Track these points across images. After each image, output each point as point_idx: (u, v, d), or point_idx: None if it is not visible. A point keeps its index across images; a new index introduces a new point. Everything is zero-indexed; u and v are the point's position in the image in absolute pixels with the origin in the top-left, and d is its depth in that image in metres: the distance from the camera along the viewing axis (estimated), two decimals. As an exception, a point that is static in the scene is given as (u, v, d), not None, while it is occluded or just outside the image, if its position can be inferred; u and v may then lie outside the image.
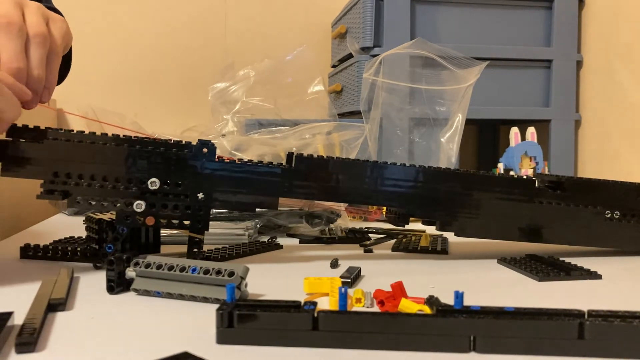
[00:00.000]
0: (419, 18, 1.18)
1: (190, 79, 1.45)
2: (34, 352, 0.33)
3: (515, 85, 1.24)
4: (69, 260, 0.58)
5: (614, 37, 1.20)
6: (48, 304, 0.41)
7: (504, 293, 0.49)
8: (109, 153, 0.54)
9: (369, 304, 0.43)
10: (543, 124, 1.24)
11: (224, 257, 0.60)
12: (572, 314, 0.33)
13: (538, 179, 0.63)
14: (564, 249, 0.65)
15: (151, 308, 0.42)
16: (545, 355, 0.33)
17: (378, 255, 0.66)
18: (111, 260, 0.45)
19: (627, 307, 0.36)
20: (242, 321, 0.34)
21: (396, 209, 0.63)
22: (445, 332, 0.33)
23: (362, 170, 0.58)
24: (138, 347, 0.34)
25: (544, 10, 1.24)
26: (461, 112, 0.96)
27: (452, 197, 0.60)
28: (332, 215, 0.79)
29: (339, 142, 0.89)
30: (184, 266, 0.43)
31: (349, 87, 1.22)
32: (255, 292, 0.47)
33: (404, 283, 0.42)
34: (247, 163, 0.56)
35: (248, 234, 0.72)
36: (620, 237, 0.64)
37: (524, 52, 1.23)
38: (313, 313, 0.34)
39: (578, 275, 0.53)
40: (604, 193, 0.64)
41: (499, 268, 0.58)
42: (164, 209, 0.54)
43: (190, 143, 0.55)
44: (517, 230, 0.62)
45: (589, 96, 1.28)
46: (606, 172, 1.20)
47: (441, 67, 0.98)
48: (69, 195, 0.54)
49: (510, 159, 1.04)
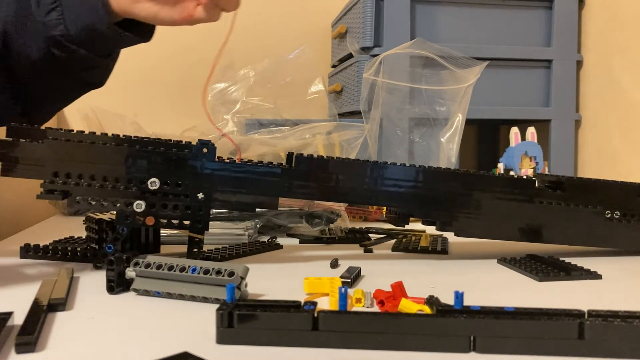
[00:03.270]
0: (419, 18, 1.18)
1: (190, 79, 1.45)
2: (34, 352, 0.33)
3: (515, 85, 1.24)
4: (69, 260, 0.58)
5: (613, 37, 1.20)
6: (48, 304, 0.41)
7: (504, 293, 0.49)
8: (109, 153, 0.54)
9: (369, 304, 0.43)
10: (543, 124, 1.24)
11: (224, 257, 0.60)
12: (572, 314, 0.33)
13: (538, 179, 0.63)
14: (564, 249, 0.65)
15: (151, 308, 0.42)
16: (545, 355, 0.33)
17: (378, 255, 0.66)
18: (111, 260, 0.45)
19: (627, 307, 0.36)
20: (242, 321, 0.34)
21: (396, 209, 0.63)
22: (445, 332, 0.33)
23: (362, 170, 0.58)
24: (138, 347, 0.34)
25: (544, 10, 1.24)
26: (461, 112, 0.96)
27: (452, 197, 0.60)
28: (332, 215, 0.79)
29: (339, 142, 0.89)
30: (184, 266, 0.43)
31: (349, 87, 1.22)
32: (255, 292, 0.47)
33: (404, 283, 0.42)
34: (247, 163, 0.56)
35: (248, 234, 0.72)
36: (620, 237, 0.64)
37: (524, 52, 1.23)
38: (313, 313, 0.34)
39: (578, 275, 0.53)
40: (604, 193, 0.64)
41: (499, 268, 0.58)
42: (164, 209, 0.54)
43: (190, 143, 0.55)
44: (517, 230, 0.62)
45: (589, 96, 1.28)
46: (606, 172, 1.20)
47: (441, 67, 0.98)
48: (69, 195, 0.54)
49: (510, 159, 1.04)
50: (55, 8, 0.62)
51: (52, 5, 0.62)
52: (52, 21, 0.62)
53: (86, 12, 0.62)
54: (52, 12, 0.62)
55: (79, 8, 0.62)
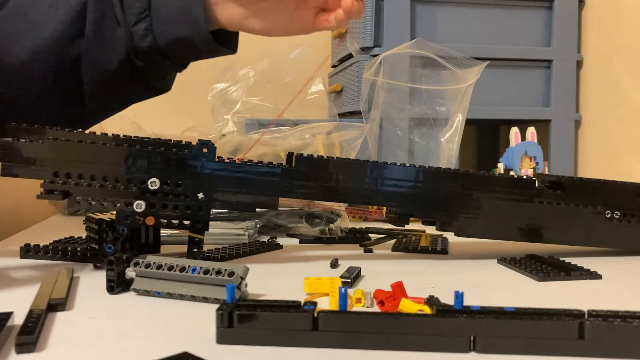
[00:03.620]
0: (419, 18, 1.18)
1: (190, 79, 1.45)
2: (34, 352, 0.33)
3: (515, 85, 1.24)
4: (69, 260, 0.58)
5: (614, 37, 1.20)
6: (48, 304, 0.41)
7: (504, 293, 0.49)
8: (109, 153, 0.54)
9: (369, 304, 0.43)
10: (543, 124, 1.24)
11: (224, 257, 0.60)
12: (572, 314, 0.33)
13: (538, 179, 0.63)
14: (564, 249, 0.65)
15: (151, 308, 0.42)
16: (545, 355, 0.33)
17: (378, 255, 0.66)
18: (111, 260, 0.45)
19: (627, 307, 0.36)
20: (242, 321, 0.34)
21: (396, 209, 0.63)
22: (445, 332, 0.33)
23: (362, 170, 0.58)
24: (138, 347, 0.34)
25: (544, 10, 1.24)
26: (461, 112, 0.96)
27: (452, 197, 0.60)
28: (332, 215, 0.79)
29: (339, 142, 0.89)
30: (184, 266, 0.43)
31: (349, 87, 1.22)
32: (255, 292, 0.47)
33: (404, 283, 0.42)
34: (247, 163, 0.56)
35: (248, 234, 0.72)
36: (620, 237, 0.64)
37: (524, 52, 1.23)
38: (313, 313, 0.34)
39: (578, 275, 0.53)
40: (604, 193, 0.64)
41: (499, 268, 0.58)
42: (164, 209, 0.54)
43: (190, 143, 0.55)
44: (517, 230, 0.62)
45: (589, 96, 1.28)
46: (606, 172, 1.20)
47: (441, 67, 0.98)
48: (69, 195, 0.54)
49: (510, 159, 1.04)
50: (145, 18, 0.59)
51: (141, 15, 0.59)
52: (140, 31, 0.59)
53: (181, 25, 0.59)
54: (141, 22, 0.59)
55: (172, 19, 0.59)
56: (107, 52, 0.61)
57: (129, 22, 0.59)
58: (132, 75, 0.63)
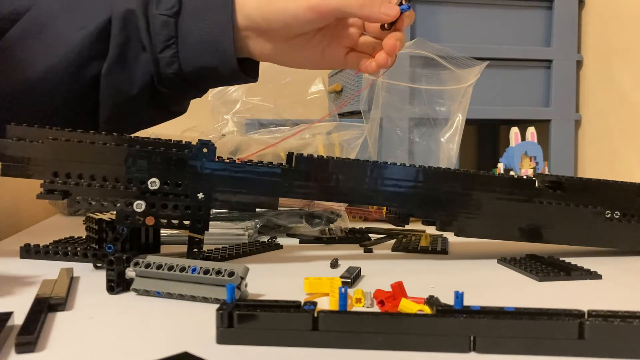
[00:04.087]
0: (419, 18, 1.18)
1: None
2: (34, 352, 0.33)
3: (515, 85, 1.24)
4: (69, 260, 0.58)
5: (613, 37, 1.20)
6: (48, 304, 0.41)
7: (504, 293, 0.49)
8: (109, 153, 0.54)
9: (369, 304, 0.43)
10: (543, 124, 1.24)
11: (224, 257, 0.60)
12: (572, 314, 0.33)
13: (538, 179, 0.63)
14: (564, 249, 0.65)
15: (151, 308, 0.42)
16: (545, 355, 0.33)
17: (378, 255, 0.66)
18: (111, 260, 0.45)
19: (627, 307, 0.36)
20: (242, 321, 0.34)
21: (396, 209, 0.63)
22: (445, 332, 0.33)
23: (362, 170, 0.58)
24: (138, 347, 0.34)
25: (544, 10, 1.24)
26: (461, 112, 0.96)
27: (452, 197, 0.60)
28: (332, 215, 0.79)
29: (339, 142, 0.89)
30: (184, 266, 0.43)
31: (349, 87, 1.22)
32: (255, 292, 0.47)
33: (404, 283, 0.42)
34: (247, 163, 0.56)
35: (248, 234, 0.72)
36: (620, 237, 0.64)
37: (524, 52, 1.23)
38: (313, 313, 0.34)
39: (578, 275, 0.53)
40: (604, 193, 0.64)
41: (499, 268, 0.58)
42: (164, 209, 0.54)
43: (190, 143, 0.55)
44: (517, 230, 0.62)
45: (589, 96, 1.28)
46: (606, 172, 1.20)
47: (441, 67, 0.98)
48: (69, 195, 0.54)
49: (510, 159, 1.04)
50: (171, 45, 0.58)
51: (168, 42, 0.58)
52: (165, 58, 0.59)
53: (209, 54, 0.59)
54: (167, 49, 0.58)
55: (199, 48, 0.59)
56: (128, 77, 0.60)
57: (155, 48, 0.59)
58: (151, 99, 0.63)
